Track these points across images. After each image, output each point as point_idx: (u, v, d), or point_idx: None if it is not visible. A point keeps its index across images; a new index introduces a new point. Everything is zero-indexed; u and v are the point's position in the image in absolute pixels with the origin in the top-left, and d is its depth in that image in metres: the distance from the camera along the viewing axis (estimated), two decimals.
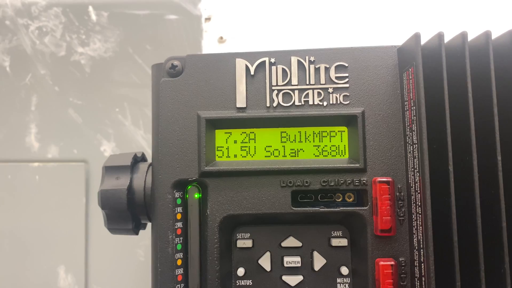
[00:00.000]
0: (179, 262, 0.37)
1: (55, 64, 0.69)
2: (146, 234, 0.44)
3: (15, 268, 0.67)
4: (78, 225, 0.67)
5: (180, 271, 0.37)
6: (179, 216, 0.38)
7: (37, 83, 0.69)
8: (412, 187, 0.35)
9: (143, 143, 0.67)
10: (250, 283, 0.38)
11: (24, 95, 0.68)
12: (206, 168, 0.37)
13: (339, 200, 0.38)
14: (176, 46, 0.68)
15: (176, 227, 0.37)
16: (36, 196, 0.68)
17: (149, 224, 0.42)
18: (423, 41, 0.36)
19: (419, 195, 0.34)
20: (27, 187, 0.68)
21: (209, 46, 0.67)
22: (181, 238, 0.37)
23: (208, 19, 0.68)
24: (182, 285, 0.37)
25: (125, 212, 0.40)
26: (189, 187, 0.38)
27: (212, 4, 0.68)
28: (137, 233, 0.43)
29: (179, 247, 0.37)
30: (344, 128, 0.38)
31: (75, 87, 0.69)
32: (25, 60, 0.69)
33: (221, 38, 0.67)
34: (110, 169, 0.41)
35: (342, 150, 0.38)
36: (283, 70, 0.38)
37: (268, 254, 0.38)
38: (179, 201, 0.38)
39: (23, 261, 0.67)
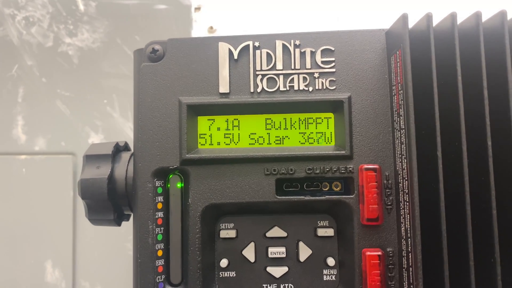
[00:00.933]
0: (159, 253, 0.36)
1: (43, 55, 0.67)
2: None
3: (2, 262, 0.66)
4: (66, 219, 0.66)
5: (160, 262, 0.36)
6: (159, 206, 0.36)
7: (24, 75, 0.67)
8: (399, 174, 0.34)
9: (132, 135, 0.66)
10: (233, 274, 0.37)
11: (11, 87, 0.67)
12: (187, 155, 0.36)
13: (326, 189, 0.37)
14: (165, 36, 0.66)
15: (156, 217, 0.36)
16: (23, 189, 0.67)
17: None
18: (412, 23, 0.35)
19: (406, 182, 0.32)
20: (14, 180, 0.67)
21: (199, 36, 0.66)
22: (162, 228, 0.36)
23: (198, 8, 0.66)
24: (163, 276, 0.36)
25: (106, 202, 0.39)
26: (170, 175, 0.37)
27: None
28: (119, 224, 0.41)
29: (159, 237, 0.36)
30: (331, 115, 0.37)
31: (63, 78, 0.67)
32: (11, 51, 0.67)
33: (211, 27, 0.66)
34: (91, 158, 0.40)
35: (328, 137, 0.37)
36: (268, 54, 0.37)
37: (252, 244, 0.37)
38: (160, 190, 0.36)
39: (9, 255, 0.66)
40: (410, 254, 0.32)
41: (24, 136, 0.67)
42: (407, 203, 0.32)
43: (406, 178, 0.33)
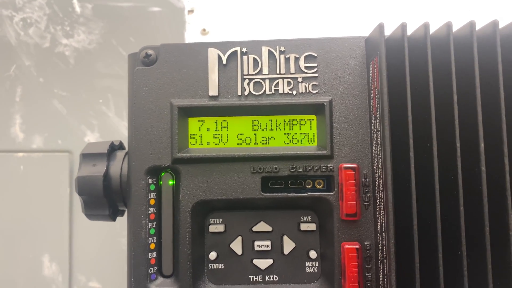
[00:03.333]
0: (152, 246, 0.38)
1: (40, 56, 0.69)
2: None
3: (0, 257, 0.68)
4: (63, 215, 0.68)
5: (153, 254, 0.38)
6: (152, 202, 0.39)
7: (21, 74, 0.69)
8: (376, 173, 0.36)
9: (126, 133, 0.68)
10: (222, 266, 0.39)
11: (8, 86, 0.69)
12: (178, 154, 0.38)
13: (309, 186, 0.39)
14: (159, 38, 0.69)
15: (149, 212, 0.38)
16: (21, 185, 0.69)
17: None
18: (390, 31, 0.37)
19: (382, 180, 0.35)
20: (12, 177, 0.69)
21: (192, 38, 0.68)
22: (154, 223, 0.39)
23: (191, 11, 0.69)
24: (155, 268, 0.38)
25: (101, 198, 0.41)
26: (162, 173, 0.39)
27: None
28: (114, 219, 0.44)
29: (152, 231, 0.38)
30: (313, 117, 0.39)
31: (59, 78, 0.69)
32: (9, 51, 0.69)
33: (204, 30, 0.68)
34: (87, 156, 0.42)
35: (311, 138, 0.39)
36: (255, 59, 0.39)
37: (239, 238, 0.39)
38: (152, 187, 0.39)
39: (7, 250, 0.68)
40: (384, 247, 0.35)
41: (21, 134, 0.69)
42: (382, 200, 0.35)
43: (381, 177, 0.35)
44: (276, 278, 0.39)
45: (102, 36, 0.69)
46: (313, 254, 0.39)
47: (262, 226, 0.39)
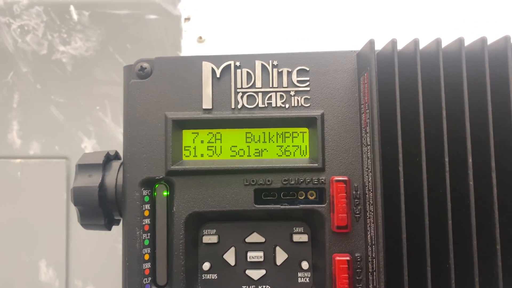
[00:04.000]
0: (146, 257, 0.39)
1: (37, 63, 0.70)
2: None
3: None
4: (59, 220, 0.68)
5: (147, 265, 0.39)
6: (146, 213, 0.39)
7: (19, 81, 0.70)
8: (367, 186, 0.37)
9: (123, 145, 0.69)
10: (215, 277, 0.40)
11: (6, 93, 0.70)
12: (172, 167, 0.39)
13: (302, 198, 0.39)
14: (156, 45, 0.69)
15: (143, 223, 0.39)
16: (18, 192, 0.69)
17: None
18: (381, 45, 0.38)
19: (372, 194, 0.36)
20: (9, 183, 0.69)
21: (188, 45, 0.68)
22: (148, 234, 0.39)
23: (187, 19, 0.69)
24: (149, 278, 0.39)
25: (97, 208, 0.41)
26: (157, 185, 0.40)
27: (192, 5, 0.69)
28: (109, 229, 0.44)
29: (146, 242, 0.39)
30: (306, 129, 0.40)
31: (56, 85, 0.70)
32: (7, 58, 0.70)
33: (200, 38, 0.68)
34: (83, 167, 0.43)
35: (303, 150, 0.40)
36: (248, 73, 0.40)
37: (232, 249, 0.40)
38: (147, 199, 0.39)
39: (4, 255, 0.68)
40: (374, 259, 0.35)
41: (19, 141, 0.69)
42: (373, 213, 0.35)
43: (371, 190, 0.36)
44: None
45: (99, 43, 0.70)
46: (305, 265, 0.39)
47: (255, 237, 0.40)
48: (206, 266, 0.40)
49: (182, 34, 0.69)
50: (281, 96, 0.39)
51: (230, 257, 0.40)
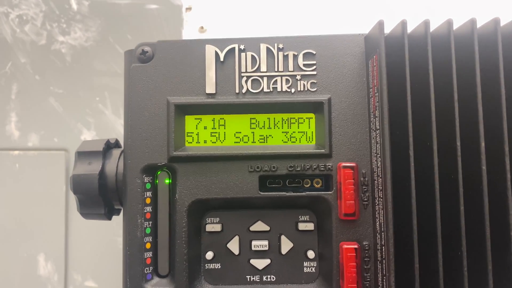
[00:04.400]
0: (148, 246, 0.38)
1: (36, 53, 0.69)
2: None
3: None
4: (58, 213, 0.67)
5: (149, 254, 0.38)
6: (148, 201, 0.38)
7: (17, 72, 0.69)
8: (375, 172, 0.36)
9: (123, 132, 0.67)
10: (218, 266, 0.39)
11: (4, 84, 0.68)
12: (174, 153, 0.37)
13: (308, 185, 0.38)
14: (156, 35, 0.68)
15: (145, 211, 0.38)
16: (17, 184, 0.68)
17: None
18: (389, 29, 0.36)
19: (381, 179, 0.34)
20: (7, 175, 0.68)
21: (190, 35, 0.67)
22: (150, 222, 0.38)
23: (188, 9, 0.68)
24: (151, 267, 0.38)
25: (96, 197, 0.40)
26: (158, 172, 0.39)
27: None
28: (109, 218, 0.43)
29: (148, 230, 0.38)
30: (312, 115, 0.38)
31: (55, 76, 0.69)
32: (5, 49, 0.69)
33: (202, 28, 0.67)
34: (82, 155, 0.42)
35: (309, 137, 0.38)
36: (252, 57, 0.38)
37: (236, 238, 0.39)
38: (148, 186, 0.38)
39: (3, 249, 0.67)
40: (384, 247, 0.34)
41: (17, 132, 0.68)
42: (382, 200, 0.34)
43: (380, 176, 0.35)
44: (273, 278, 0.39)
45: (99, 34, 0.69)
46: (311, 254, 0.38)
47: (259, 226, 0.39)
48: (209, 255, 0.39)
49: (183, 24, 0.68)
50: (287, 81, 0.38)
51: (234, 246, 0.39)
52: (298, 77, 0.38)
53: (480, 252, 0.33)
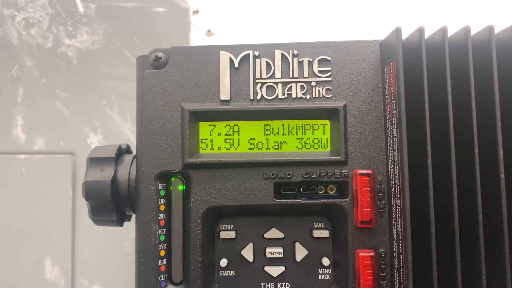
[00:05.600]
0: (162, 253, 0.38)
1: (42, 56, 0.68)
2: (132, 226, 0.44)
3: (2, 260, 0.67)
4: (65, 217, 0.67)
5: (163, 261, 0.38)
6: (162, 208, 0.38)
7: (23, 75, 0.68)
8: (392, 179, 0.35)
9: (130, 136, 0.67)
10: (233, 273, 0.39)
11: (10, 87, 0.68)
12: (189, 160, 0.37)
13: (322, 192, 0.38)
14: (164, 39, 0.68)
15: (159, 218, 0.38)
16: (23, 188, 0.67)
17: (133, 216, 0.42)
18: (405, 35, 0.36)
19: (398, 187, 0.34)
20: (14, 179, 0.68)
21: (197, 39, 0.67)
22: (164, 229, 0.38)
23: (196, 12, 0.68)
24: (165, 275, 0.38)
25: (109, 203, 0.40)
26: (172, 179, 0.38)
27: None
28: (121, 225, 0.43)
29: (162, 238, 0.38)
30: (327, 121, 0.38)
31: (62, 79, 0.68)
32: (11, 52, 0.68)
33: (209, 31, 0.67)
34: (94, 161, 0.41)
35: (324, 143, 0.38)
36: (267, 63, 0.38)
37: (251, 245, 0.39)
38: (162, 193, 0.38)
39: (9, 253, 0.67)
40: (401, 255, 0.34)
41: (23, 136, 0.68)
42: (399, 207, 0.34)
43: (398, 184, 0.34)
44: (288, 285, 0.38)
45: (105, 37, 0.68)
46: (326, 261, 0.38)
47: (274, 233, 0.39)
48: (223, 262, 0.38)
49: (190, 27, 0.68)
50: (302, 87, 0.38)
51: (248, 253, 0.39)
52: (313, 84, 0.38)
53: (498, 260, 0.32)
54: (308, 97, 0.38)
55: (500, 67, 0.33)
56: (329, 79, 0.38)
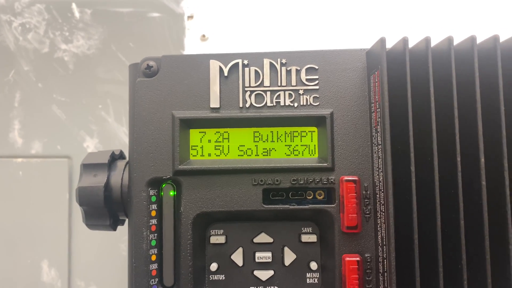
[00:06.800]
0: (153, 258, 0.38)
1: (39, 61, 0.69)
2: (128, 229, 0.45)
3: None
4: (62, 220, 0.68)
5: (154, 266, 0.38)
6: (153, 213, 0.39)
7: (20, 79, 0.69)
8: (377, 186, 0.36)
9: (126, 140, 0.67)
10: (223, 277, 0.40)
11: (7, 91, 0.69)
12: (180, 166, 0.38)
13: (310, 197, 0.39)
14: (159, 43, 0.69)
15: (150, 224, 0.38)
16: (20, 191, 0.68)
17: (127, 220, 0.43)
18: (391, 45, 0.37)
19: (383, 193, 0.35)
20: (11, 182, 0.68)
21: (192, 44, 0.68)
22: (155, 234, 0.39)
23: (190, 17, 0.68)
24: (157, 279, 0.38)
25: (102, 208, 0.41)
26: (163, 185, 0.39)
27: (195, 3, 0.69)
28: (115, 229, 0.44)
29: (153, 243, 0.38)
30: (314, 129, 0.39)
31: (58, 83, 0.69)
32: (8, 56, 0.69)
33: (204, 36, 0.68)
34: (88, 167, 0.42)
35: (312, 150, 0.39)
36: (256, 71, 0.39)
37: (240, 249, 0.40)
38: (153, 199, 0.39)
39: (6, 255, 0.68)
40: (385, 260, 0.35)
41: (20, 140, 0.69)
42: (383, 213, 0.35)
43: (382, 190, 0.35)
44: None
45: (101, 42, 0.69)
46: (313, 265, 0.39)
47: (263, 238, 0.40)
48: (213, 266, 0.39)
49: (185, 32, 0.69)
50: (290, 95, 0.39)
51: (238, 257, 0.39)
52: (301, 92, 0.39)
53: (480, 265, 0.33)
54: (296, 105, 0.39)
55: (482, 75, 0.34)
56: (317, 87, 0.39)
